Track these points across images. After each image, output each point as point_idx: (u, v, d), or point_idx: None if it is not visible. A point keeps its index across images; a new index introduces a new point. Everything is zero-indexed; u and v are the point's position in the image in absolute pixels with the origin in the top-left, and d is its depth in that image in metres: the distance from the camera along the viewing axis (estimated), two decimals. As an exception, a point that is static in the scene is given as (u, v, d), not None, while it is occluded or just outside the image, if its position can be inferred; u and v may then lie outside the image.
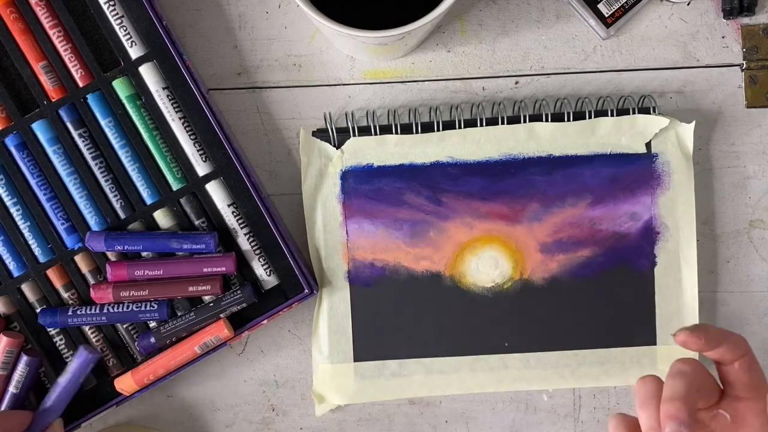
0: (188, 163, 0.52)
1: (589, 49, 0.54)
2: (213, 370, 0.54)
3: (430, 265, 0.53)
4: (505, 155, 0.53)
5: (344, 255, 0.53)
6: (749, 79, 0.54)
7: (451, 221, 0.53)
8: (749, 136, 0.54)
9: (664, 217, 0.53)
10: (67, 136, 0.51)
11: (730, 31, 0.54)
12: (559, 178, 0.53)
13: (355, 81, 0.54)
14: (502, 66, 0.54)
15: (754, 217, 0.55)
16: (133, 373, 0.51)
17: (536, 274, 0.53)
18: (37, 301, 0.52)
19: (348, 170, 0.53)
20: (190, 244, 0.50)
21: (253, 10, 0.54)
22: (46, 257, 0.51)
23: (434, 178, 0.53)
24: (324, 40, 0.54)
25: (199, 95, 0.51)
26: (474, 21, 0.54)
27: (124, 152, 0.51)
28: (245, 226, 0.52)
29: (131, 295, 0.50)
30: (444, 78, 0.54)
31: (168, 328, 0.51)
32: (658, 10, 0.54)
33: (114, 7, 0.51)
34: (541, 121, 0.52)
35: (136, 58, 0.51)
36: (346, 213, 0.53)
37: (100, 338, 0.52)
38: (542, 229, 0.53)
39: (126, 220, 0.52)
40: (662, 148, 0.53)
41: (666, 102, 0.54)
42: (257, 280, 0.52)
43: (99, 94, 0.51)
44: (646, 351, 0.53)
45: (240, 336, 0.52)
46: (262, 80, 0.54)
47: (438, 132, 0.52)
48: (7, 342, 0.50)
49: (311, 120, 0.54)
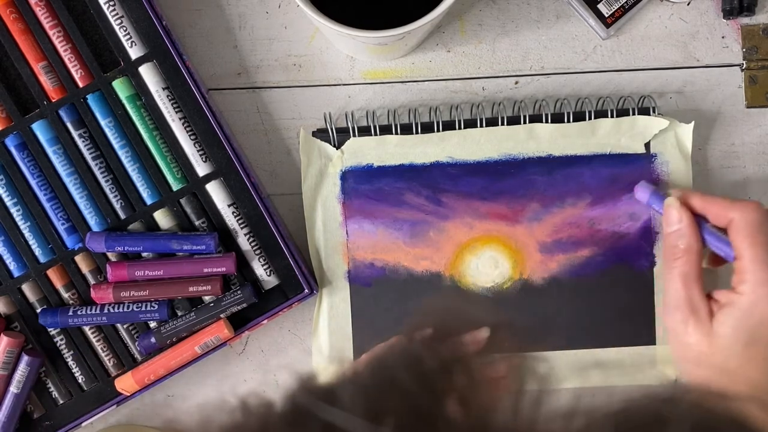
0: (188, 163, 0.52)
1: (589, 49, 0.54)
2: (213, 370, 0.54)
3: (430, 265, 0.53)
4: (505, 155, 0.53)
5: (344, 255, 0.53)
6: (749, 79, 0.54)
7: (451, 221, 0.53)
8: (749, 136, 0.54)
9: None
10: (67, 136, 0.51)
11: (730, 31, 0.54)
12: (559, 179, 0.53)
13: (355, 81, 0.54)
14: (502, 66, 0.54)
15: (753, 217, 0.55)
16: (134, 372, 0.51)
17: (536, 274, 0.53)
18: (38, 301, 0.52)
19: (348, 170, 0.53)
20: (190, 245, 0.50)
21: (253, 10, 0.54)
22: (47, 257, 0.52)
23: (434, 178, 0.53)
24: (324, 40, 0.54)
25: (199, 95, 0.51)
26: (474, 21, 0.54)
27: (124, 152, 0.51)
28: (245, 226, 0.52)
29: (132, 295, 0.51)
30: (444, 78, 0.54)
31: (168, 328, 0.51)
32: (658, 10, 0.54)
33: (114, 7, 0.51)
34: (541, 122, 0.52)
35: (136, 58, 0.51)
36: (346, 213, 0.53)
37: (100, 338, 0.52)
38: (542, 229, 0.53)
39: (126, 221, 0.52)
40: (661, 148, 0.53)
41: (666, 102, 0.54)
42: (257, 280, 0.52)
43: (99, 94, 0.51)
44: (646, 351, 0.53)
45: (240, 336, 0.52)
46: (262, 80, 0.54)
47: (438, 132, 0.52)
48: (8, 342, 0.50)
49: (311, 120, 0.54)
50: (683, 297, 0.46)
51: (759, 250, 0.43)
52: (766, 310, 0.43)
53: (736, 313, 0.44)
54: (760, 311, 0.43)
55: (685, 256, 0.46)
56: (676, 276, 0.46)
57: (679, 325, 0.46)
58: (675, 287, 0.46)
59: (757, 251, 0.43)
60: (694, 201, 0.48)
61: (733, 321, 0.44)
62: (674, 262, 0.47)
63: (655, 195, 0.50)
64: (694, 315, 0.45)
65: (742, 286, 0.44)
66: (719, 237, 0.46)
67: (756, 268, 0.43)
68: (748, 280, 0.44)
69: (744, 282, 0.44)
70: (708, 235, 0.47)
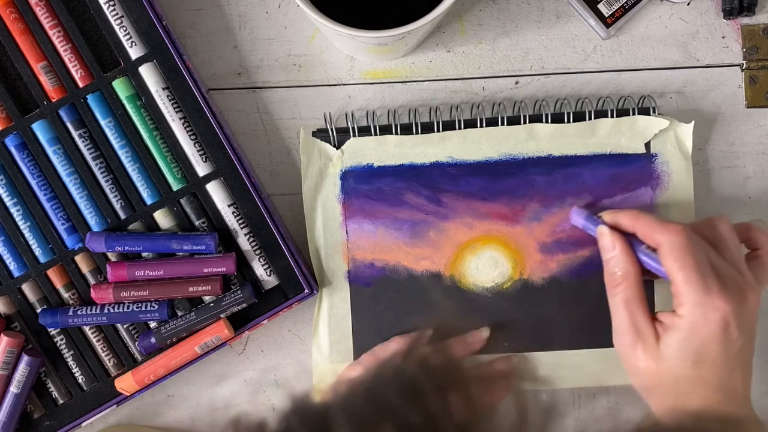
0: (188, 163, 0.52)
1: (589, 49, 0.54)
2: (213, 370, 0.54)
3: (430, 265, 0.53)
4: (505, 155, 0.53)
5: (344, 255, 0.53)
6: (749, 79, 0.54)
7: (451, 221, 0.53)
8: (749, 136, 0.54)
9: (664, 217, 0.53)
10: (67, 136, 0.51)
11: (730, 31, 0.54)
12: (559, 178, 0.53)
13: (355, 81, 0.54)
14: (502, 66, 0.54)
15: (753, 217, 0.54)
16: (134, 372, 0.51)
17: (536, 274, 0.53)
18: (38, 301, 0.52)
19: (348, 170, 0.53)
20: (190, 245, 0.50)
21: (253, 10, 0.54)
22: (47, 257, 0.52)
23: (434, 178, 0.53)
24: (324, 40, 0.54)
25: (199, 95, 0.51)
26: (474, 21, 0.54)
27: (124, 152, 0.51)
28: (245, 226, 0.52)
29: (132, 295, 0.51)
30: (444, 78, 0.54)
31: (168, 328, 0.51)
32: (658, 10, 0.54)
33: (114, 7, 0.51)
34: (541, 122, 0.52)
35: (136, 58, 0.51)
36: (346, 213, 0.53)
37: (100, 338, 0.52)
38: (542, 229, 0.53)
39: (126, 221, 0.52)
40: (661, 148, 0.53)
41: (666, 102, 0.54)
42: (257, 280, 0.52)
43: (99, 94, 0.51)
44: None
45: (240, 336, 0.52)
46: (262, 80, 0.54)
47: (438, 132, 0.52)
48: (8, 342, 0.50)
49: (311, 120, 0.54)
50: (628, 322, 0.46)
51: (689, 272, 0.44)
52: (707, 331, 0.44)
53: (679, 335, 0.44)
54: (702, 333, 0.44)
55: (624, 282, 0.47)
56: (619, 302, 0.47)
57: (628, 350, 0.46)
58: (619, 313, 0.47)
59: (688, 274, 0.44)
60: (624, 221, 0.48)
61: (678, 344, 0.44)
62: (615, 289, 0.47)
63: (590, 220, 0.50)
64: (641, 340, 0.46)
65: (681, 309, 0.44)
66: (654, 258, 0.47)
67: (689, 291, 0.44)
68: (684, 302, 0.44)
69: (682, 305, 0.44)
70: (643, 256, 0.47)
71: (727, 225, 0.47)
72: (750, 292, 0.45)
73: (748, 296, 0.45)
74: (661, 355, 0.45)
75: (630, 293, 0.46)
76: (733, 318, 0.43)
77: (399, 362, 0.33)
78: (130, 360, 0.52)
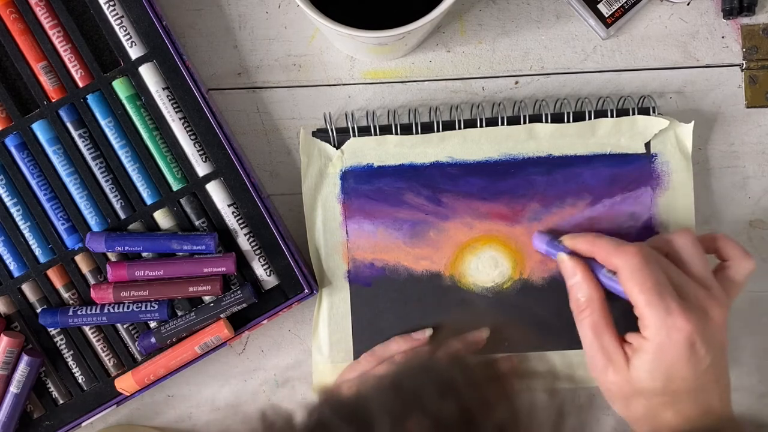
0: (188, 163, 0.52)
1: (589, 49, 0.54)
2: (213, 370, 0.54)
3: (430, 265, 0.53)
4: (505, 155, 0.53)
5: (344, 255, 0.53)
6: (749, 79, 0.54)
7: (451, 221, 0.53)
8: (749, 136, 0.54)
9: (664, 217, 0.53)
10: (67, 136, 0.51)
11: (730, 31, 0.54)
12: (559, 178, 0.53)
13: (355, 81, 0.54)
14: (502, 66, 0.54)
15: (753, 217, 0.55)
16: (134, 372, 0.51)
17: (536, 274, 0.53)
18: (38, 301, 0.52)
19: (348, 170, 0.53)
20: (190, 245, 0.50)
21: (253, 10, 0.54)
22: (47, 257, 0.52)
23: (434, 178, 0.53)
24: (324, 40, 0.54)
25: (199, 95, 0.51)
26: (474, 21, 0.54)
27: (124, 152, 0.51)
28: (245, 226, 0.52)
29: (131, 295, 0.51)
30: (444, 78, 0.54)
31: (168, 328, 0.51)
32: (658, 10, 0.54)
33: (114, 7, 0.51)
34: (540, 122, 0.52)
35: (136, 58, 0.51)
36: (346, 213, 0.53)
37: (100, 338, 0.52)
38: (542, 228, 0.53)
39: (126, 221, 0.52)
40: (661, 148, 0.53)
41: (666, 102, 0.54)
42: (257, 280, 0.52)
43: (99, 94, 0.51)
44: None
45: (240, 336, 0.52)
46: (262, 80, 0.54)
47: (438, 132, 0.52)
48: (8, 342, 0.50)
49: (311, 120, 0.54)
50: (597, 346, 0.47)
51: (648, 295, 0.44)
52: (673, 352, 0.44)
53: (647, 357, 0.45)
54: (669, 354, 0.44)
55: (589, 308, 0.47)
56: (586, 327, 0.47)
57: (600, 374, 0.47)
58: (587, 338, 0.47)
59: (647, 297, 0.44)
60: (581, 247, 0.48)
61: (647, 365, 0.45)
62: (581, 315, 0.47)
63: (551, 245, 0.50)
64: (611, 363, 0.46)
65: (646, 331, 0.45)
66: (615, 280, 0.47)
67: (651, 313, 0.44)
68: (648, 325, 0.44)
69: (646, 327, 0.45)
70: (605, 279, 0.48)
71: (690, 239, 0.47)
72: (714, 307, 0.45)
73: (712, 312, 0.45)
74: (631, 377, 0.45)
75: (595, 318, 0.47)
76: (698, 336, 0.43)
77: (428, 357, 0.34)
78: (130, 360, 0.52)
